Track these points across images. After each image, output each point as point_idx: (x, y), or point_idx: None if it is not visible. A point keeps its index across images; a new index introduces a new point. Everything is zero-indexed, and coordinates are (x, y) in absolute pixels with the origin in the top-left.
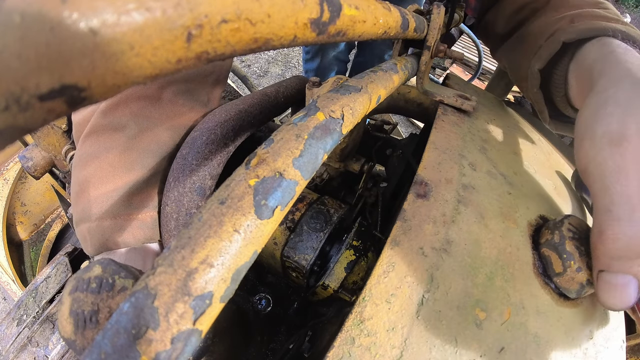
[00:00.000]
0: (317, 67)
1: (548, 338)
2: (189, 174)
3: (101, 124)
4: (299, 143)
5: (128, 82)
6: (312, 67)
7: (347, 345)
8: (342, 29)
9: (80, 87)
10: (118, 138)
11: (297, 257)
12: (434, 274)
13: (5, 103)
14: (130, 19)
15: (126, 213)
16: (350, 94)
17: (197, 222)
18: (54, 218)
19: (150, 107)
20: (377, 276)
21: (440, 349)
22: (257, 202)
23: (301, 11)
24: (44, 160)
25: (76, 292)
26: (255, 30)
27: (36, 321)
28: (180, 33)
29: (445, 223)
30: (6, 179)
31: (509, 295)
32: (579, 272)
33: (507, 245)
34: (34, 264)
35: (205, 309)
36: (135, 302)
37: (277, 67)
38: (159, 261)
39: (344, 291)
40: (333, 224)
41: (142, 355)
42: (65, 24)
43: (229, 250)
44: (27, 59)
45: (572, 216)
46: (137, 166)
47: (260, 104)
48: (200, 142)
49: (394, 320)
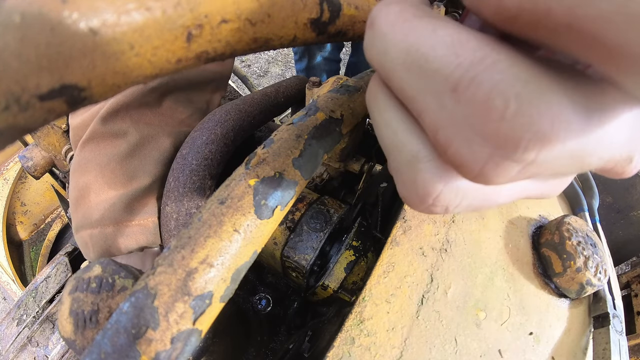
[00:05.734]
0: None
1: (548, 338)
2: (188, 173)
3: (101, 130)
4: (299, 143)
5: (128, 82)
6: (301, 68)
7: (347, 345)
8: (342, 29)
9: (81, 87)
10: (119, 145)
11: (297, 257)
12: (433, 274)
13: (6, 103)
14: (130, 18)
15: (128, 219)
16: (350, 94)
17: (197, 222)
18: (54, 218)
19: (151, 114)
20: (377, 276)
21: (440, 349)
22: (257, 202)
23: (301, 11)
24: (44, 160)
25: (76, 292)
26: (255, 30)
27: (36, 321)
28: (180, 33)
29: (445, 223)
30: (6, 178)
31: (509, 295)
32: (579, 272)
33: (507, 245)
34: (34, 264)
35: (205, 308)
36: (135, 302)
37: (277, 67)
38: (159, 261)
39: (343, 291)
40: (333, 224)
41: (142, 354)
42: (65, 24)
43: (229, 250)
44: (28, 59)
45: (572, 216)
46: (139, 173)
47: (260, 104)
48: (200, 141)
49: (394, 320)
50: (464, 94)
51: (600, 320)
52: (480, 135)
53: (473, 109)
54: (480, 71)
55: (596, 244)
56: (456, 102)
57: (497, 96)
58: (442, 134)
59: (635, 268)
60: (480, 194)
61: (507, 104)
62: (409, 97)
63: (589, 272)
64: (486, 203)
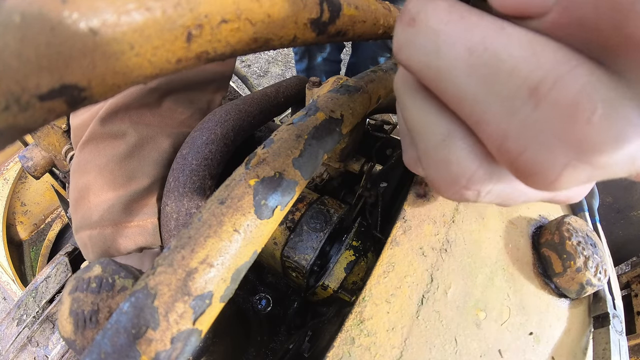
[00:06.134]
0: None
1: (548, 338)
2: (188, 173)
3: (100, 131)
4: (299, 143)
5: (128, 82)
6: (301, 68)
7: (347, 345)
8: (342, 29)
9: (81, 87)
10: (118, 146)
11: (297, 257)
12: (433, 274)
13: (6, 103)
14: (130, 19)
15: (127, 220)
16: (350, 94)
17: (197, 222)
18: (54, 218)
19: (150, 115)
20: (377, 276)
21: (440, 349)
22: (257, 202)
23: (301, 11)
24: (44, 160)
25: (76, 292)
26: (255, 30)
27: (36, 321)
28: (180, 33)
29: (445, 223)
30: (6, 178)
31: (509, 295)
32: (579, 272)
33: (507, 245)
34: (34, 264)
35: (205, 308)
36: (135, 302)
37: (277, 67)
38: (159, 261)
39: (343, 291)
40: (333, 224)
41: (142, 354)
42: (65, 24)
43: (229, 250)
44: (28, 59)
45: (572, 216)
46: (138, 174)
47: (260, 104)
48: (200, 141)
49: (394, 320)
50: (547, 97)
51: (600, 320)
52: (563, 141)
53: (556, 112)
54: (565, 72)
55: (596, 244)
56: (534, 106)
57: (585, 99)
58: (513, 142)
59: (635, 268)
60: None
61: (595, 108)
62: (467, 103)
63: (589, 272)
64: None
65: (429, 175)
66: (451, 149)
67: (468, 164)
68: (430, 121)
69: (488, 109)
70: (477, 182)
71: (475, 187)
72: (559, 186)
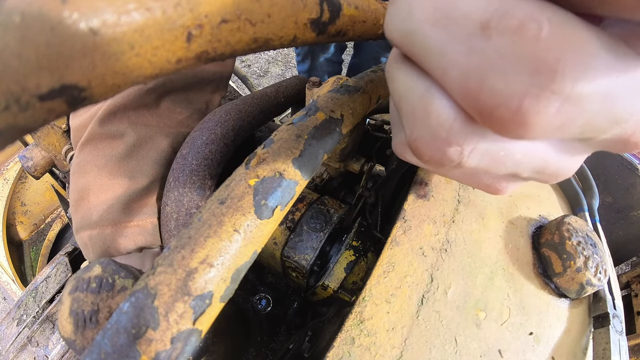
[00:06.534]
0: (308, 68)
1: (548, 338)
2: (188, 173)
3: (99, 132)
4: (299, 143)
5: (128, 82)
6: (304, 69)
7: (347, 345)
8: (342, 29)
9: (81, 87)
10: (117, 146)
11: (297, 257)
12: (433, 274)
13: (6, 103)
14: (131, 19)
15: (126, 220)
16: (350, 94)
17: (197, 222)
18: (54, 218)
19: (149, 115)
20: (377, 276)
21: (440, 349)
22: (257, 202)
23: (301, 11)
24: (44, 160)
25: (76, 292)
26: (255, 30)
27: (36, 321)
28: (181, 33)
29: (445, 223)
30: (6, 178)
31: (509, 295)
32: (579, 272)
33: (507, 245)
34: (34, 264)
35: (205, 308)
36: (135, 302)
37: (277, 67)
38: (159, 261)
39: (343, 291)
40: (333, 224)
41: (142, 354)
42: (65, 24)
43: (229, 250)
44: (28, 59)
45: (572, 216)
46: (137, 174)
47: (260, 104)
48: (200, 141)
49: (394, 320)
50: (496, 28)
51: (600, 320)
52: (516, 65)
53: (506, 40)
54: (511, 5)
55: (596, 244)
56: (487, 39)
57: (530, 21)
58: (473, 80)
59: (635, 268)
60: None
61: (541, 26)
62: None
63: (589, 272)
64: (501, 157)
65: (412, 140)
66: (428, 101)
67: (446, 111)
68: (411, 84)
69: (450, 55)
70: (457, 135)
71: (457, 141)
72: (529, 124)
